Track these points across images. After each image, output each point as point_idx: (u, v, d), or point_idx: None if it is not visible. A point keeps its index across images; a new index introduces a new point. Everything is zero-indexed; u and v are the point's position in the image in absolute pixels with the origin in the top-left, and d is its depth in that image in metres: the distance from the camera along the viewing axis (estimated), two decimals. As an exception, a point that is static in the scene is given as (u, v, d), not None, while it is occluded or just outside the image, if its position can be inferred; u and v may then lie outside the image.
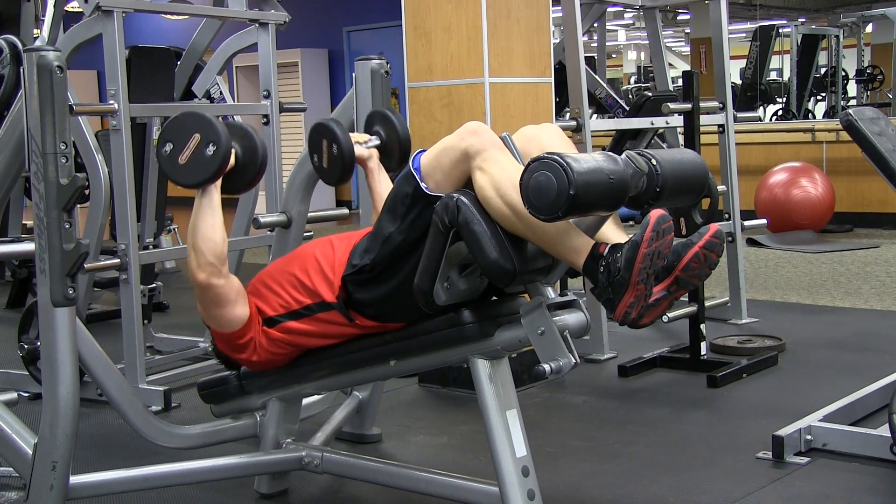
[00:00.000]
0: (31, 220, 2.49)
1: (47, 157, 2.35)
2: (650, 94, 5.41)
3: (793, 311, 5.45)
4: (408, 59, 4.16)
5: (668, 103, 4.37)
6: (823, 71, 13.74)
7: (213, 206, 2.56)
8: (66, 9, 4.35)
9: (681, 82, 4.50)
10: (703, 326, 4.15)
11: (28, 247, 2.59)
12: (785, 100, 13.39)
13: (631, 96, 13.86)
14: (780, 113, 13.40)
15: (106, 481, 2.63)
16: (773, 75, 14.81)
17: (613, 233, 2.29)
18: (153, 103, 4.36)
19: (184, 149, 2.51)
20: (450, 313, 2.37)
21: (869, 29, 14.89)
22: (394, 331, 2.52)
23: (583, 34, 4.57)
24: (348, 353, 2.60)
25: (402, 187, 2.36)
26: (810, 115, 13.17)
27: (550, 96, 4.27)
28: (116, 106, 3.68)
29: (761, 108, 13.05)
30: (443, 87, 4.07)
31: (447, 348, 2.43)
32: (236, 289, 2.61)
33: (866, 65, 14.30)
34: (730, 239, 5.04)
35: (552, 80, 4.29)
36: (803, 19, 14.69)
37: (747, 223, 5.06)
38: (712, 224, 2.26)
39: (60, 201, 2.37)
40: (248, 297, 2.67)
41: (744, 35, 16.64)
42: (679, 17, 15.88)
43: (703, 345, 4.16)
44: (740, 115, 5.25)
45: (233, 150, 2.58)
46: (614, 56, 22.93)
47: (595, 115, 5.70)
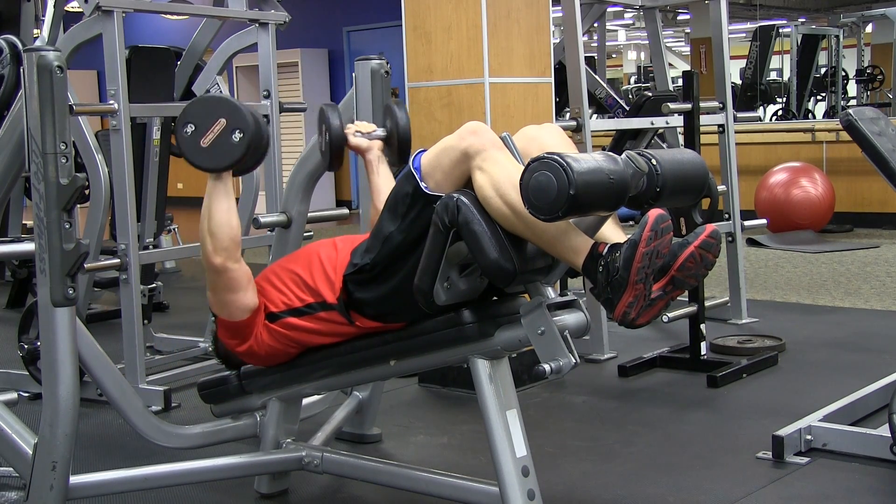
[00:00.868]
0: (31, 220, 2.49)
1: (47, 157, 2.35)
2: (650, 94, 5.40)
3: (793, 311, 5.45)
4: (408, 59, 4.17)
5: (668, 103, 4.37)
6: (823, 71, 13.74)
7: (228, 191, 2.59)
8: (66, 9, 4.35)
9: (681, 82, 4.50)
10: (703, 326, 4.15)
11: (28, 247, 2.59)
12: (785, 100, 13.39)
13: (631, 96, 13.87)
14: (780, 113, 13.40)
15: (106, 481, 2.63)
16: (773, 75, 14.81)
17: (612, 233, 2.28)
18: (153, 103, 4.36)
19: (207, 132, 2.49)
20: (450, 313, 2.37)
21: (869, 29, 14.88)
22: (394, 331, 2.52)
23: (583, 34, 4.57)
24: (348, 352, 2.60)
25: (402, 187, 2.36)
26: (810, 115, 13.17)
27: (550, 96, 4.27)
28: (116, 106, 3.68)
29: (761, 108, 13.04)
30: (443, 87, 4.07)
31: (447, 348, 2.43)
32: (248, 275, 2.63)
33: (866, 65, 14.29)
34: (730, 239, 5.04)
35: (552, 80, 4.29)
36: (803, 19, 14.69)
37: (747, 223, 5.06)
38: (709, 224, 2.26)
39: (60, 201, 2.36)
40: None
41: (744, 35, 16.63)
42: (679, 17, 15.87)
43: (703, 345, 4.16)
44: (740, 115, 5.25)
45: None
46: (614, 56, 22.92)
47: (595, 115, 5.71)
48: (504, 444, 2.32)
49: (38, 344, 3.00)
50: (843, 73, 13.68)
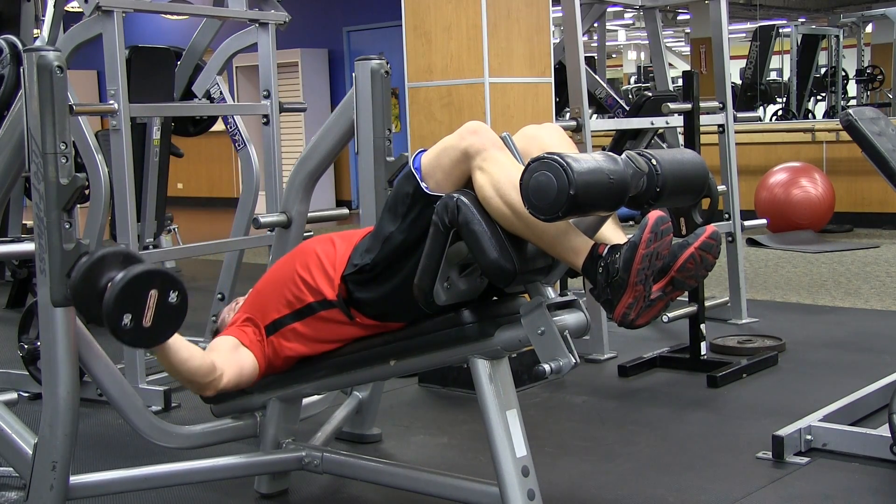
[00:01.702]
0: (31, 220, 2.49)
1: (47, 157, 2.35)
2: (650, 94, 5.40)
3: (793, 311, 5.45)
4: (408, 59, 4.16)
5: (668, 103, 4.37)
6: (823, 71, 13.73)
7: (178, 344, 2.48)
8: (66, 9, 4.35)
9: (681, 82, 4.50)
10: (703, 326, 4.15)
11: (28, 247, 2.59)
12: (785, 100, 13.38)
13: (631, 96, 13.86)
14: (780, 113, 13.40)
15: (106, 481, 2.63)
16: (773, 75, 14.80)
17: (612, 233, 2.29)
18: (153, 103, 4.36)
19: (144, 311, 2.28)
20: (450, 313, 2.37)
21: (869, 29, 14.88)
22: (394, 331, 2.52)
23: (583, 34, 4.57)
24: (348, 353, 2.60)
25: (402, 187, 2.36)
26: (810, 115, 13.17)
27: (550, 96, 4.27)
28: (116, 106, 3.68)
29: (761, 108, 13.04)
30: (443, 87, 4.07)
31: (447, 348, 2.43)
32: (235, 363, 2.63)
33: (866, 65, 14.29)
34: (730, 239, 5.04)
35: (552, 80, 4.29)
36: (803, 19, 14.69)
37: (747, 223, 5.06)
38: (709, 225, 2.26)
39: (60, 201, 2.37)
40: (248, 311, 2.70)
41: (744, 35, 16.64)
42: (679, 17, 15.87)
43: (703, 345, 4.16)
44: (740, 115, 5.25)
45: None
46: (614, 56, 22.92)
47: (595, 115, 5.71)
48: (504, 444, 2.32)
49: (38, 344, 3.00)
50: (843, 73, 13.67)
